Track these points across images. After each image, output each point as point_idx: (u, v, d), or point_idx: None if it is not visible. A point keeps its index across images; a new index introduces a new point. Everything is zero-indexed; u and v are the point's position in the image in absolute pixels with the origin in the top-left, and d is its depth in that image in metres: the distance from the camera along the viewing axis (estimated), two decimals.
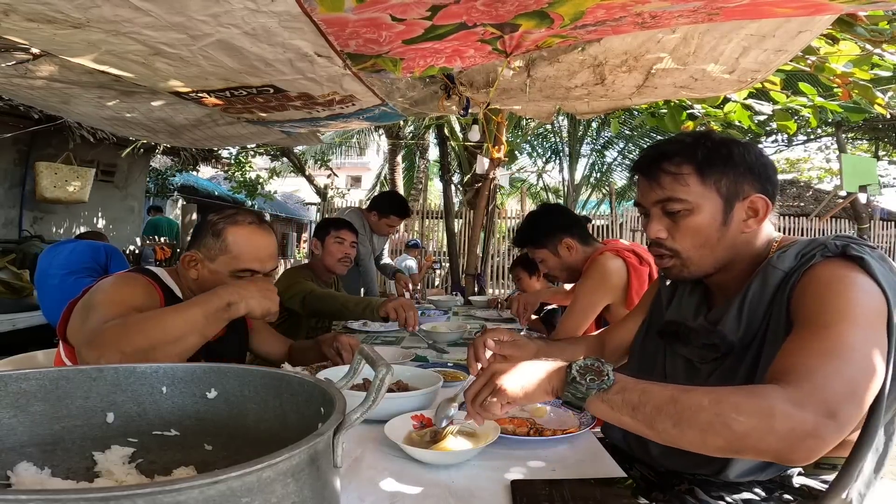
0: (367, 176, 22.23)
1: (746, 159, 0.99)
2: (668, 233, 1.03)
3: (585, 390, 0.80)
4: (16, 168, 6.42)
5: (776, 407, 0.71)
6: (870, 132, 11.44)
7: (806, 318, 0.84)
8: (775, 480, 1.01)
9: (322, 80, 1.91)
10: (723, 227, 0.99)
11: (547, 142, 13.42)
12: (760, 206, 0.99)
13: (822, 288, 0.85)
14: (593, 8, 1.36)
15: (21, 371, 0.66)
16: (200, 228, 1.41)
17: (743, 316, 0.97)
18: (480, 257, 5.42)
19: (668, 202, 1.01)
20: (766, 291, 0.94)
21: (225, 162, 11.36)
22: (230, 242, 1.35)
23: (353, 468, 0.94)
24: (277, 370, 0.75)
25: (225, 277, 1.35)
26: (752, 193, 0.99)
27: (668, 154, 1.01)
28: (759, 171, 1.00)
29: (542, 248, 2.08)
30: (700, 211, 0.99)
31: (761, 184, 1.00)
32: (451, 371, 1.59)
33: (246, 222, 1.39)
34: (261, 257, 1.38)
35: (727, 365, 0.99)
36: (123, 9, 1.32)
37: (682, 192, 0.99)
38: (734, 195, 0.99)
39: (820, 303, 0.83)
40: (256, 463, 0.44)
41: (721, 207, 0.99)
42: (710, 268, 1.04)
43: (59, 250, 3.65)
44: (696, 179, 0.99)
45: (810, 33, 1.82)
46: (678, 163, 1.00)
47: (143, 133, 3.03)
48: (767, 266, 0.96)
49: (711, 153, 0.99)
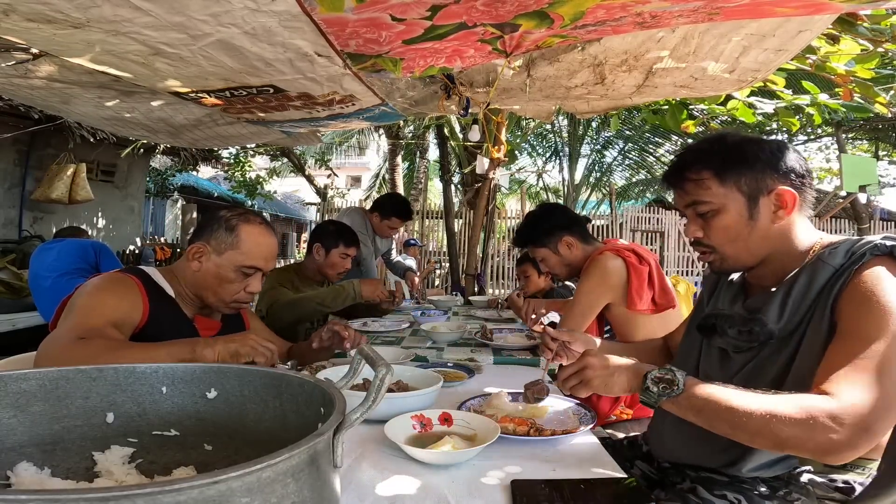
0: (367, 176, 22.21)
1: (761, 156, 1.05)
2: (704, 232, 1.10)
3: (657, 397, 0.92)
4: (16, 168, 6.42)
5: (818, 420, 0.80)
6: (870, 132, 11.43)
7: (849, 327, 0.89)
8: (781, 478, 1.02)
9: (322, 80, 1.91)
10: (751, 222, 1.05)
11: (547, 142, 13.42)
12: (787, 198, 1.03)
13: (866, 295, 0.89)
14: (593, 8, 1.36)
15: (21, 371, 0.66)
16: (211, 222, 1.43)
17: (787, 307, 0.99)
18: (480, 257, 5.42)
19: (696, 205, 1.09)
20: (814, 286, 0.97)
21: (225, 162, 11.36)
22: (242, 239, 1.39)
23: (353, 468, 0.94)
24: (277, 370, 0.75)
25: (229, 271, 1.38)
26: (777, 186, 1.04)
27: (688, 162, 1.11)
28: (779, 165, 1.05)
29: (542, 246, 2.08)
30: (726, 210, 1.06)
31: (784, 176, 1.05)
32: (451, 371, 1.59)
33: (256, 221, 1.44)
34: (266, 257, 1.43)
35: (763, 355, 1.02)
36: (123, 8, 1.32)
37: (705, 195, 1.07)
38: (757, 191, 1.05)
39: (864, 312, 0.88)
40: (256, 463, 0.44)
41: (745, 204, 1.05)
42: (750, 259, 1.09)
43: (46, 252, 3.63)
44: (716, 182, 1.06)
45: (810, 33, 1.82)
46: (698, 169, 1.08)
47: (143, 133, 3.03)
48: (817, 261, 0.99)
49: (726, 156, 1.06)
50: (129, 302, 1.32)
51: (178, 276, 1.44)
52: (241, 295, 1.43)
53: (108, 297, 1.30)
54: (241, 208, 1.49)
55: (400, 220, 3.44)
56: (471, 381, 1.54)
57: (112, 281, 1.35)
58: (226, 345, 1.22)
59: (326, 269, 2.54)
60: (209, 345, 1.22)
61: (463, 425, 1.10)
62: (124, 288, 1.34)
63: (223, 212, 1.44)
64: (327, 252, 2.52)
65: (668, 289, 1.91)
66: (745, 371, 1.03)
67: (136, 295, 1.34)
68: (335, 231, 2.57)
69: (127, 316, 1.30)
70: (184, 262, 1.43)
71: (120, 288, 1.33)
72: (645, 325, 1.86)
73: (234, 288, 1.41)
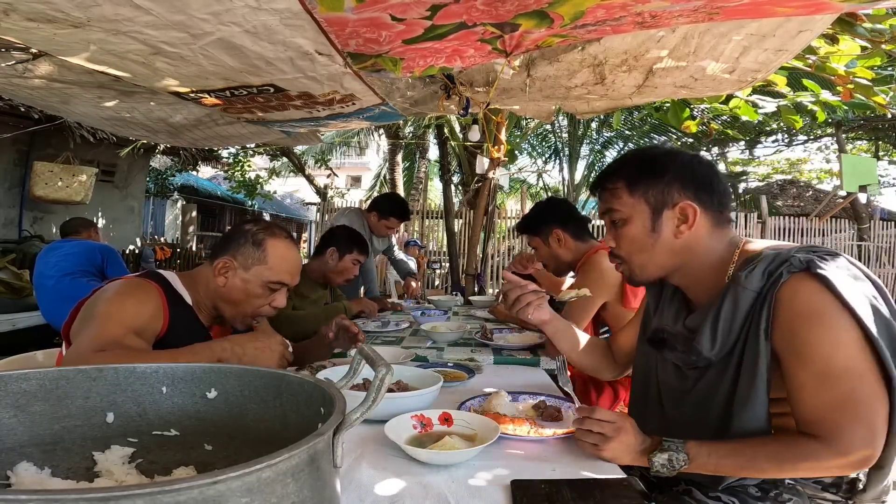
0: (367, 176, 22.21)
1: (672, 168, 1.08)
2: (616, 241, 1.16)
3: (666, 473, 0.95)
4: (16, 168, 6.42)
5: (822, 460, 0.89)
6: (870, 132, 11.43)
7: (803, 361, 0.92)
8: (768, 480, 1.04)
9: (322, 79, 1.91)
10: (653, 234, 1.09)
11: (547, 142, 13.42)
12: (689, 213, 1.06)
13: (804, 327, 0.92)
14: (593, 8, 1.36)
15: (21, 371, 0.66)
16: (236, 236, 1.39)
17: (718, 335, 1.01)
18: (480, 257, 5.42)
19: (609, 213, 1.15)
20: (739, 312, 0.99)
21: (225, 162, 11.36)
22: (269, 254, 1.37)
23: (353, 468, 0.94)
24: (277, 370, 0.75)
25: (256, 287, 1.36)
26: (682, 200, 1.07)
27: (606, 173, 1.17)
28: (690, 179, 1.07)
29: (535, 235, 2.14)
30: (632, 220, 1.11)
31: (693, 191, 1.07)
32: (451, 371, 1.59)
33: (283, 236, 1.42)
34: (292, 272, 1.41)
35: (709, 377, 1.05)
36: (124, 7, 1.32)
37: (616, 203, 1.13)
38: (662, 204, 1.08)
39: (810, 347, 0.91)
40: (256, 463, 0.44)
41: (649, 216, 1.09)
42: (657, 271, 1.13)
43: (52, 252, 3.63)
44: (626, 192, 1.11)
45: (810, 33, 1.82)
46: (613, 180, 1.14)
47: (142, 133, 3.03)
48: (737, 287, 1.00)
49: (638, 168, 1.11)
50: (151, 309, 1.28)
51: (198, 285, 1.40)
52: (265, 309, 1.40)
53: (129, 304, 1.26)
54: (265, 221, 1.46)
55: (398, 220, 3.44)
56: (471, 381, 1.54)
57: (133, 286, 1.31)
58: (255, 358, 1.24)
59: (336, 273, 2.54)
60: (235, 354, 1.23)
61: (463, 425, 1.10)
62: (145, 294, 1.29)
63: (249, 226, 1.41)
64: (341, 257, 2.52)
65: None
66: (699, 389, 1.06)
67: (158, 302, 1.30)
68: (350, 237, 2.58)
69: (148, 324, 1.26)
70: (207, 273, 1.39)
71: (140, 293, 1.29)
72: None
73: (260, 303, 1.38)
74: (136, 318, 1.25)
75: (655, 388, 1.18)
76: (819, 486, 1.04)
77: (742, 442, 0.95)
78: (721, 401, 1.01)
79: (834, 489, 1.03)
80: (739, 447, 0.94)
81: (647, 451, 0.98)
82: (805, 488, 1.03)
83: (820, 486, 1.04)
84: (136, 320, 1.24)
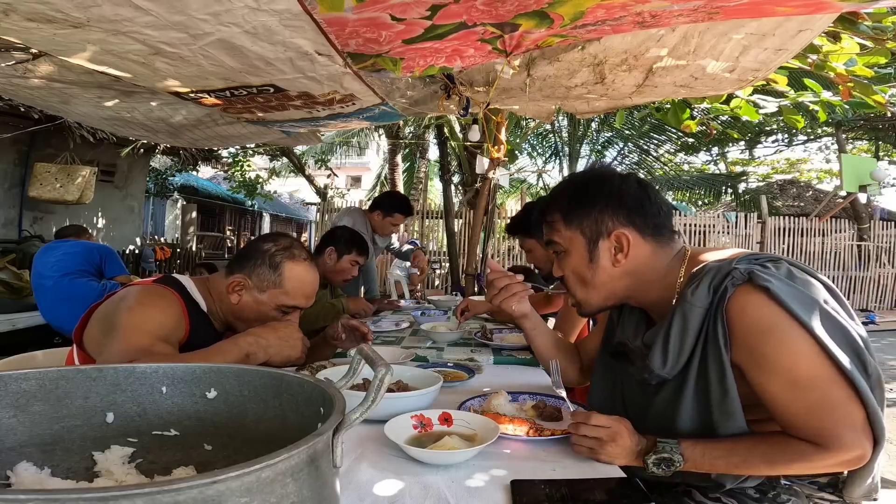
0: (367, 176, 22.22)
1: (600, 198, 1.08)
2: (562, 271, 1.15)
3: (661, 473, 0.96)
4: (16, 168, 6.43)
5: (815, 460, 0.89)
6: (870, 132, 11.43)
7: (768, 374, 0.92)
8: (766, 481, 1.04)
9: (322, 79, 1.91)
10: (591, 265, 1.09)
11: (547, 142, 13.42)
12: (623, 241, 1.06)
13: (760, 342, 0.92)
14: (593, 8, 1.36)
15: (21, 371, 0.66)
16: (253, 255, 1.36)
17: (669, 353, 1.00)
18: (480, 257, 5.43)
19: (550, 244, 1.15)
20: (689, 330, 0.98)
21: (225, 162, 11.37)
22: (286, 277, 1.34)
23: (353, 468, 0.94)
24: (277, 370, 0.75)
25: (270, 310, 1.35)
26: (616, 228, 1.06)
27: (547, 205, 1.16)
28: (620, 205, 1.06)
29: (531, 237, 2.10)
30: (571, 252, 1.11)
31: (625, 216, 1.06)
32: (451, 371, 1.59)
33: (301, 258, 1.38)
34: (308, 294, 1.39)
35: (666, 392, 1.04)
36: (124, 8, 1.32)
37: (555, 236, 1.13)
38: (597, 234, 1.08)
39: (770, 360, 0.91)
40: (255, 463, 0.44)
41: (586, 246, 1.09)
42: (604, 301, 1.12)
43: (50, 252, 3.64)
44: (563, 224, 1.11)
45: (811, 32, 1.82)
46: (551, 212, 1.14)
47: (142, 133, 3.03)
48: (684, 304, 0.99)
49: (571, 199, 1.11)
50: (174, 317, 1.27)
51: (212, 294, 1.38)
52: None
53: (152, 313, 1.24)
54: (285, 240, 1.40)
55: (402, 216, 3.44)
56: (471, 381, 1.54)
57: (154, 295, 1.29)
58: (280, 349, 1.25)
59: (335, 273, 2.53)
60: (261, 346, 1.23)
61: (463, 425, 1.10)
62: (166, 303, 1.28)
63: (268, 245, 1.37)
64: (339, 257, 2.51)
65: None
66: (657, 403, 1.05)
67: (179, 310, 1.29)
68: (349, 238, 2.58)
69: (173, 332, 1.25)
70: (221, 286, 1.37)
71: (162, 302, 1.27)
72: None
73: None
74: (161, 327, 1.23)
75: (620, 399, 1.18)
76: (816, 486, 1.04)
77: (735, 441, 0.95)
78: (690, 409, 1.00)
79: (831, 489, 1.03)
80: (733, 447, 0.94)
81: (643, 452, 0.97)
82: (803, 488, 1.04)
83: (817, 486, 1.04)
84: (162, 329, 1.23)
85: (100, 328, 1.25)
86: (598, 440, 0.97)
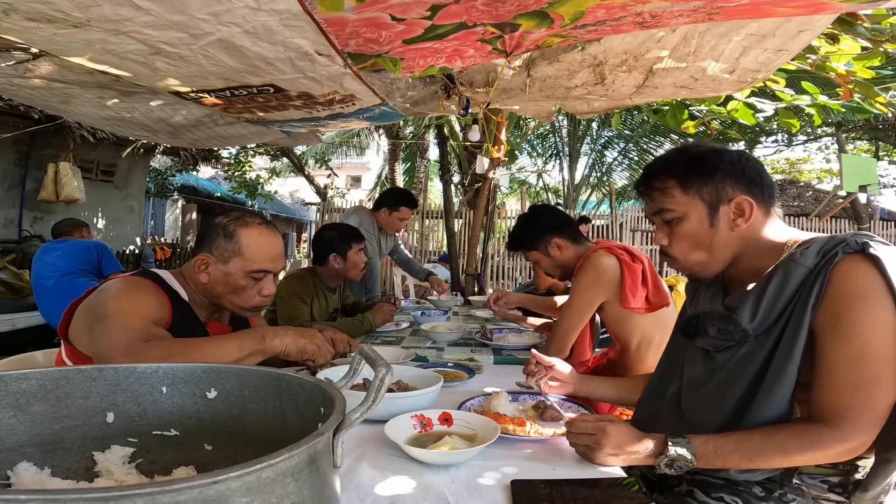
0: (367, 176, 22.24)
1: (722, 166, 1.10)
2: (669, 239, 1.16)
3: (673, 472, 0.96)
4: (16, 168, 6.42)
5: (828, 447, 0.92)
6: (870, 132, 11.43)
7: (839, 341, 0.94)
8: (774, 479, 1.03)
9: (322, 80, 1.91)
10: (711, 230, 1.11)
11: (547, 142, 13.42)
12: (745, 207, 1.08)
13: (850, 307, 0.93)
14: (593, 8, 1.36)
15: (21, 371, 0.66)
16: (208, 231, 1.38)
17: (761, 307, 1.01)
18: (480, 257, 5.42)
19: (662, 213, 1.15)
20: (788, 286, 0.99)
21: (225, 162, 11.36)
22: (243, 244, 1.35)
23: (353, 468, 0.94)
24: (277, 370, 0.75)
25: (239, 279, 1.36)
26: (737, 195, 1.09)
27: (655, 172, 1.17)
28: (741, 175, 1.09)
29: (533, 249, 2.09)
30: (689, 218, 1.12)
31: (745, 186, 1.09)
32: (451, 371, 1.59)
33: (255, 223, 1.39)
34: (272, 257, 1.40)
35: (741, 354, 1.04)
36: (124, 7, 1.32)
37: (669, 202, 1.13)
38: (717, 200, 1.10)
39: (851, 327, 0.93)
40: (256, 463, 0.44)
41: (706, 212, 1.10)
42: (716, 264, 1.13)
43: (49, 253, 3.64)
44: (679, 191, 1.12)
45: (810, 33, 1.82)
46: (663, 178, 1.14)
47: (143, 133, 3.03)
48: (790, 261, 1.00)
49: (689, 166, 1.12)
50: (157, 302, 1.30)
51: (188, 282, 1.41)
52: (258, 300, 1.40)
53: (138, 297, 1.27)
54: (236, 212, 1.43)
55: (409, 209, 3.43)
56: (471, 381, 1.54)
57: (132, 283, 1.32)
58: (296, 339, 1.29)
59: (349, 272, 2.52)
60: (278, 335, 1.28)
61: (463, 425, 1.10)
62: (147, 289, 1.31)
63: (219, 218, 1.40)
64: (345, 257, 2.50)
65: (661, 287, 1.91)
66: (727, 368, 1.05)
67: (160, 296, 1.32)
68: (341, 235, 2.55)
69: (159, 316, 1.28)
70: (190, 269, 1.40)
71: (143, 289, 1.31)
72: (639, 323, 1.85)
73: (249, 294, 1.38)
74: (150, 309, 1.27)
75: (677, 384, 1.17)
76: (826, 487, 1.03)
77: (746, 434, 0.96)
78: (746, 381, 1.00)
79: (839, 489, 1.02)
80: (744, 439, 0.95)
81: (652, 452, 0.97)
82: (810, 488, 1.02)
83: (826, 486, 1.03)
84: (151, 312, 1.26)
85: (85, 321, 1.26)
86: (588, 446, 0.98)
